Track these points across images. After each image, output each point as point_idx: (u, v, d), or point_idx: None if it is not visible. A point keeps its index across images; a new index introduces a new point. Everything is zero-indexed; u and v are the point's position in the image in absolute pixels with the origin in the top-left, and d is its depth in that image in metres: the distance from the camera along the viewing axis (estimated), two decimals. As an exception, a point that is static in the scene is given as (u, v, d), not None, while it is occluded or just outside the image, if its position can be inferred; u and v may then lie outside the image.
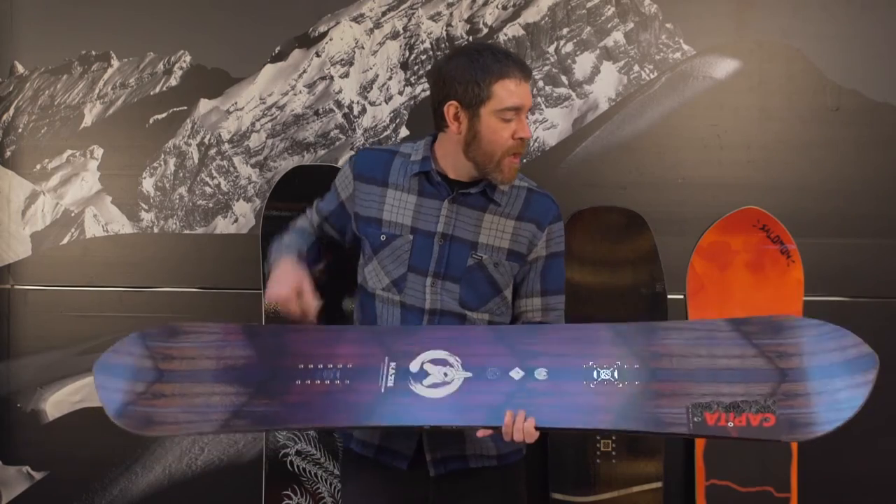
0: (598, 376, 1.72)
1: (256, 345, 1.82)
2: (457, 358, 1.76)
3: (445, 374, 1.74)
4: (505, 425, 1.66)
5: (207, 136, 2.77)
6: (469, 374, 1.74)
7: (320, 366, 1.77)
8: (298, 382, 1.75)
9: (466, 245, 1.85)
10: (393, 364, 1.76)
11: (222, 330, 1.85)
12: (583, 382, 1.72)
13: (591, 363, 1.74)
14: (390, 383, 1.74)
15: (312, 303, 1.80)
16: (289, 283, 1.79)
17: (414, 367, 1.75)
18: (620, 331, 1.79)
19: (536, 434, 1.65)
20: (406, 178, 1.87)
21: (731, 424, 1.63)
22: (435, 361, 1.76)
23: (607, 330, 1.80)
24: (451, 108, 1.80)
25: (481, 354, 1.77)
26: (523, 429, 1.64)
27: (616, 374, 1.72)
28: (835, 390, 1.63)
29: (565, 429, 1.68)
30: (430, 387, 1.73)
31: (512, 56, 1.81)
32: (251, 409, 1.71)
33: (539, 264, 1.91)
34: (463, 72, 1.79)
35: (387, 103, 2.75)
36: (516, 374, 1.74)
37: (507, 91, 1.77)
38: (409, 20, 2.74)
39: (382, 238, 1.86)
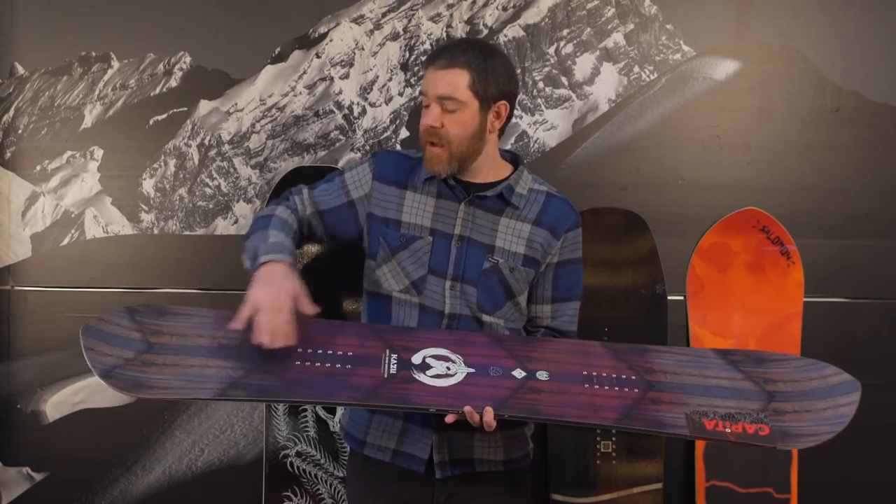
0: (598, 382, 1.76)
1: (251, 331, 1.75)
2: (458, 356, 1.76)
3: (448, 368, 1.74)
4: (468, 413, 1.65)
5: (207, 138, 2.77)
6: (472, 370, 1.74)
7: (319, 351, 1.76)
8: (298, 363, 1.73)
9: (482, 248, 1.84)
10: (394, 356, 1.76)
11: (214, 315, 1.81)
12: (584, 385, 1.76)
13: (589, 371, 1.78)
14: (392, 370, 1.74)
15: (292, 332, 1.68)
16: (283, 292, 1.66)
17: (416, 359, 1.74)
18: (614, 349, 1.86)
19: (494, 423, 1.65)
20: (421, 182, 1.86)
21: (728, 430, 1.69)
22: (437, 357, 1.76)
23: (602, 347, 1.86)
24: None
25: (482, 355, 1.78)
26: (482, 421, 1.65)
27: (615, 381, 1.77)
28: (820, 409, 1.71)
29: (570, 423, 1.70)
30: (433, 377, 1.73)
31: (444, 46, 1.85)
32: (249, 381, 1.67)
33: (551, 272, 1.89)
34: None
35: (387, 104, 2.75)
36: (518, 373, 1.75)
37: (424, 81, 1.81)
38: (410, 21, 2.74)
39: (402, 239, 1.84)
